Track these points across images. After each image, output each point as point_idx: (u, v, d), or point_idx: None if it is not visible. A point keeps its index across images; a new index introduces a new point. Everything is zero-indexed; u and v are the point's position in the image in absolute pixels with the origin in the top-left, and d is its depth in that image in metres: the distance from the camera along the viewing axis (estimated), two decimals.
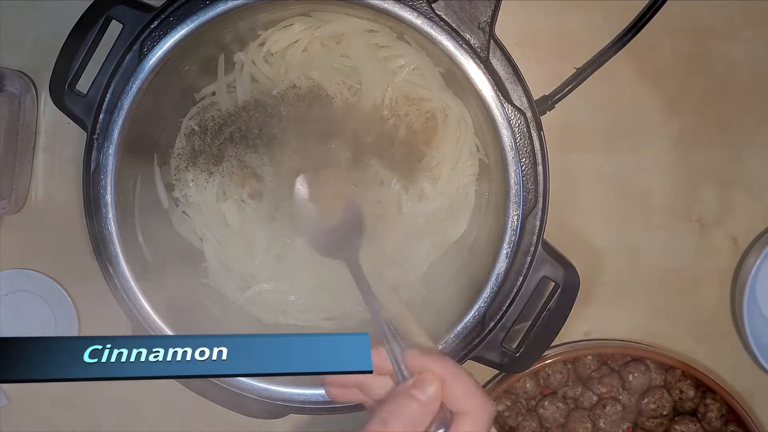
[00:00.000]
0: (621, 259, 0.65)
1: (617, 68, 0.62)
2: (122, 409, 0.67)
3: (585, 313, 0.66)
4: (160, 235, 0.58)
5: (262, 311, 0.61)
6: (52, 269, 0.66)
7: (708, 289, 0.66)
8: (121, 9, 0.52)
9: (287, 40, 0.58)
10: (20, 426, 0.67)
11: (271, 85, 0.59)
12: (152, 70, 0.51)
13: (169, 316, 0.53)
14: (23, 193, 0.65)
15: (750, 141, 0.65)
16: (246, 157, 0.58)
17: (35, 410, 0.67)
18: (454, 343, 0.53)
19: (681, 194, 0.65)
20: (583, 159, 0.65)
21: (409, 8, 0.50)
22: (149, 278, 0.54)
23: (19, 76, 0.63)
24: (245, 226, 0.60)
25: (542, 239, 0.52)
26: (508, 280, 0.52)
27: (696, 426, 0.63)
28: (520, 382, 0.64)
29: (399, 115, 0.58)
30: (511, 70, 0.51)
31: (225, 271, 0.61)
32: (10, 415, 0.67)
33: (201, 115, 0.59)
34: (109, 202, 0.52)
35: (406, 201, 0.59)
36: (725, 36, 0.64)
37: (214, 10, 0.51)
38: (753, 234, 0.65)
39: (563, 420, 0.64)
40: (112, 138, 0.52)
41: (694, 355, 0.66)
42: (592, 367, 0.65)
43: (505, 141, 0.51)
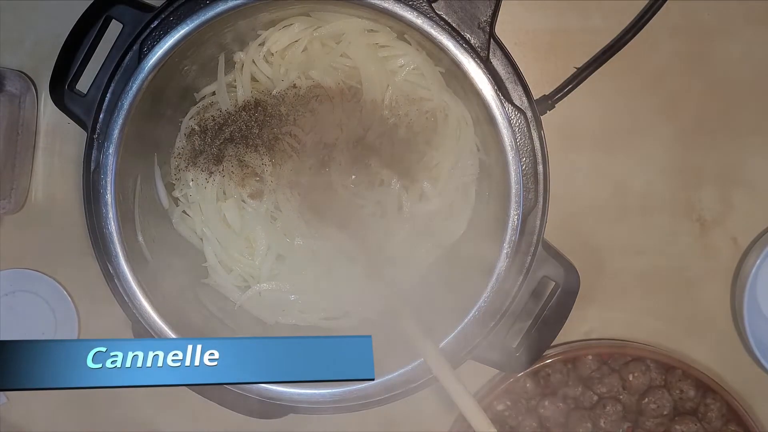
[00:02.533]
0: (621, 259, 0.65)
1: (617, 68, 0.62)
2: (122, 408, 0.67)
3: (585, 313, 0.66)
4: (160, 235, 0.58)
5: (262, 311, 0.61)
6: (52, 269, 0.66)
7: (708, 289, 0.66)
8: (121, 9, 0.52)
9: (287, 40, 0.58)
10: (20, 424, 0.67)
11: (271, 85, 0.59)
12: (152, 70, 0.51)
13: (169, 316, 0.53)
14: (23, 193, 0.65)
15: (750, 141, 0.65)
16: (246, 156, 0.58)
17: (35, 409, 0.67)
18: (454, 343, 0.53)
19: (681, 194, 0.65)
20: (583, 159, 0.65)
21: (410, 8, 0.50)
22: (149, 278, 0.54)
23: (19, 76, 0.63)
24: (245, 226, 0.60)
25: (542, 239, 0.52)
26: (508, 280, 0.52)
27: (696, 426, 0.63)
28: (520, 382, 0.64)
29: (399, 114, 0.58)
30: (512, 70, 0.51)
31: (225, 271, 0.61)
32: (10, 414, 0.67)
33: (201, 114, 0.59)
34: (109, 202, 0.52)
35: (406, 201, 0.59)
36: (725, 36, 0.64)
37: (214, 10, 0.51)
38: (753, 234, 0.65)
39: (563, 420, 0.64)
40: (112, 138, 0.52)
41: (694, 355, 0.66)
42: (592, 367, 0.65)
43: (505, 141, 0.51)
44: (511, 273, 0.52)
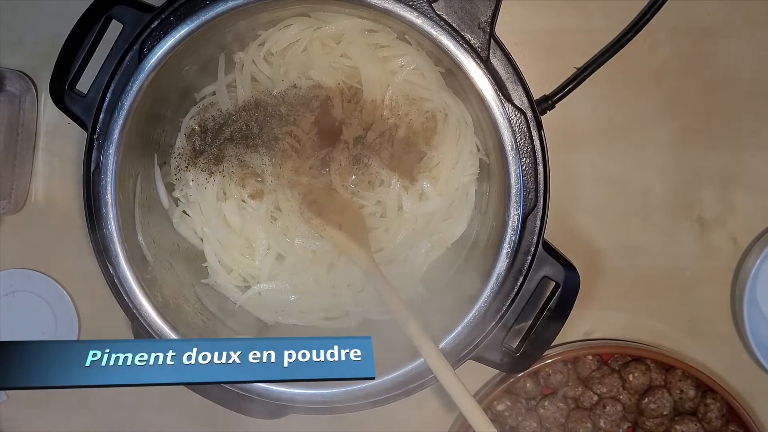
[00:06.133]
0: (621, 259, 0.66)
1: (617, 68, 0.62)
2: (122, 408, 0.67)
3: (585, 313, 0.66)
4: (160, 235, 0.58)
5: (262, 311, 0.61)
6: (52, 269, 0.66)
7: (708, 289, 0.66)
8: (121, 9, 0.52)
9: (287, 40, 0.58)
10: (20, 423, 0.67)
11: (271, 85, 0.59)
12: (152, 70, 0.51)
13: (169, 317, 0.53)
14: (23, 193, 0.65)
15: (750, 141, 0.65)
16: (246, 156, 0.58)
17: (35, 407, 0.67)
18: (454, 343, 0.53)
19: (681, 194, 0.65)
20: (583, 159, 0.65)
21: (410, 8, 0.50)
22: (149, 278, 0.54)
23: (19, 76, 0.63)
24: (245, 226, 0.60)
25: (542, 239, 0.52)
26: (509, 280, 0.52)
27: (696, 426, 0.63)
28: (520, 382, 0.64)
29: (399, 114, 0.58)
30: (512, 70, 0.51)
31: (225, 271, 0.61)
32: (10, 412, 0.67)
33: (201, 114, 0.59)
34: (109, 202, 0.52)
35: (406, 201, 0.59)
36: (725, 36, 0.64)
37: (214, 10, 0.51)
38: (753, 234, 0.65)
39: (563, 420, 0.64)
40: (112, 138, 0.52)
41: (694, 355, 0.66)
42: (592, 367, 0.65)
43: (505, 141, 0.51)
44: (511, 273, 0.52)
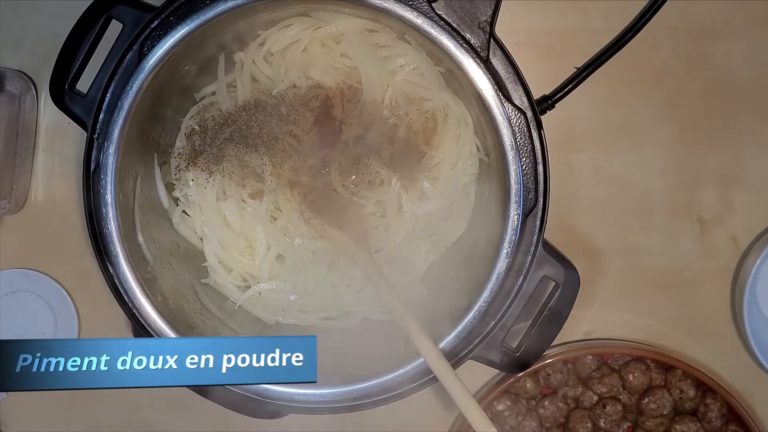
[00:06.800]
0: (621, 259, 0.66)
1: (617, 68, 0.62)
2: (121, 407, 0.67)
3: (585, 313, 0.66)
4: (159, 234, 0.58)
5: (262, 311, 0.61)
6: (52, 269, 0.66)
7: (708, 289, 0.66)
8: (121, 9, 0.52)
9: (287, 40, 0.58)
10: (20, 421, 0.67)
11: (271, 85, 0.59)
12: (152, 70, 0.51)
13: (169, 316, 0.53)
14: (23, 193, 0.65)
15: (750, 141, 0.65)
16: (246, 156, 0.58)
17: (35, 406, 0.67)
18: (454, 343, 0.53)
19: (681, 194, 0.65)
20: (583, 159, 0.65)
21: (410, 8, 0.50)
22: (149, 278, 0.54)
23: (19, 76, 0.63)
24: (245, 225, 0.60)
25: (542, 239, 0.52)
26: (508, 280, 0.52)
27: (696, 426, 0.63)
28: (520, 382, 0.64)
29: (399, 114, 0.58)
30: (512, 70, 0.51)
31: (225, 271, 0.61)
32: (9, 410, 0.67)
33: (201, 114, 0.59)
34: (109, 202, 0.52)
35: (406, 201, 0.59)
36: (725, 36, 0.64)
37: (214, 10, 0.51)
38: (753, 234, 0.65)
39: (563, 420, 0.64)
40: (112, 138, 0.52)
41: (694, 354, 0.66)
42: (592, 367, 0.65)
43: (505, 141, 0.51)
44: (511, 273, 0.52)
